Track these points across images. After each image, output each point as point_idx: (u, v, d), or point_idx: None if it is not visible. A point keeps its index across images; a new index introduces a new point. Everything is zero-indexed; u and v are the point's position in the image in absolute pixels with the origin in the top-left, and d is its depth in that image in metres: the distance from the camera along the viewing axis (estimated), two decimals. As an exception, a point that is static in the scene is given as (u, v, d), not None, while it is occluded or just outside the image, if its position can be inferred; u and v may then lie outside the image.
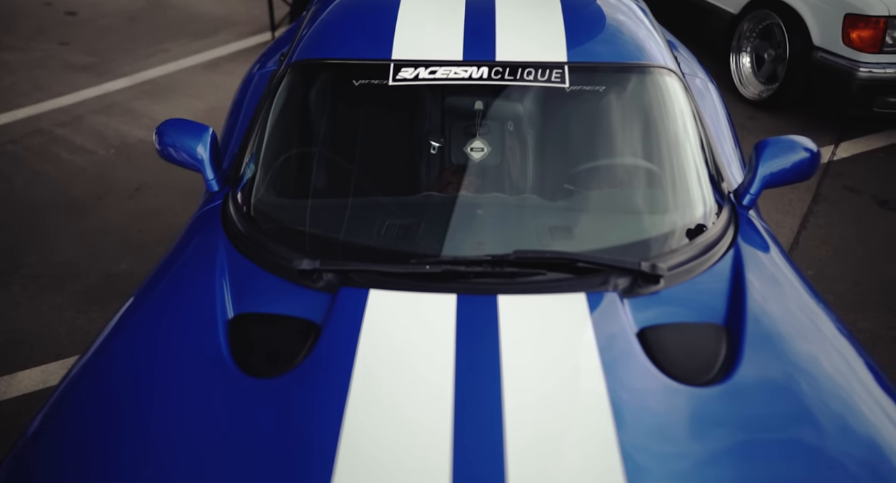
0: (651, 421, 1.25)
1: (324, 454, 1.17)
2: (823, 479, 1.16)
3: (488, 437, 1.19)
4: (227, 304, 1.52)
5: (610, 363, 1.34)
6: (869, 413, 1.29)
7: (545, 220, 1.75)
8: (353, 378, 1.30)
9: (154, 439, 1.23)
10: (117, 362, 1.40)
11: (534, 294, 1.48)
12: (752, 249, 1.69)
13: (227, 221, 1.76)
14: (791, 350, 1.42)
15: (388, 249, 1.65)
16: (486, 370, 1.32)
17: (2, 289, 2.77)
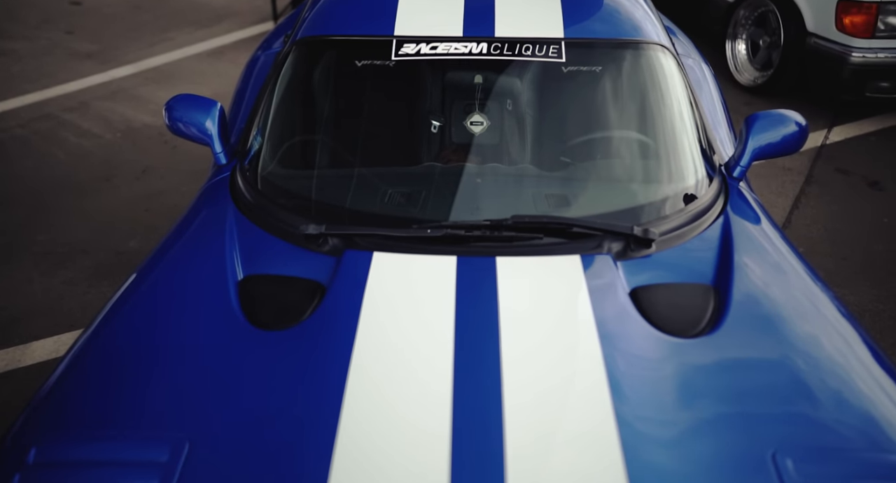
0: (641, 371, 1.32)
1: (331, 398, 1.24)
2: (804, 414, 1.24)
3: (487, 383, 1.26)
4: (236, 266, 1.59)
5: (603, 317, 1.41)
6: (847, 359, 1.36)
7: (542, 188, 1.82)
8: (358, 329, 1.38)
9: (169, 382, 1.31)
10: (135, 314, 1.48)
11: (531, 256, 1.56)
12: (742, 217, 1.76)
13: (235, 191, 1.84)
14: (776, 305, 1.49)
15: (391, 215, 1.72)
16: (484, 323, 1.39)
17: (14, 265, 2.85)
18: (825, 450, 1.18)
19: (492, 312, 1.42)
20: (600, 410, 1.22)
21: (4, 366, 2.35)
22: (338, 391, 1.25)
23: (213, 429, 1.21)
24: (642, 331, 1.41)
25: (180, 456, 1.16)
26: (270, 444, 1.18)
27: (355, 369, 1.29)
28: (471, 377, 1.28)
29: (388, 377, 1.28)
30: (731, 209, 1.79)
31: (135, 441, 1.19)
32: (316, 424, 1.20)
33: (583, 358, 1.32)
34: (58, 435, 1.21)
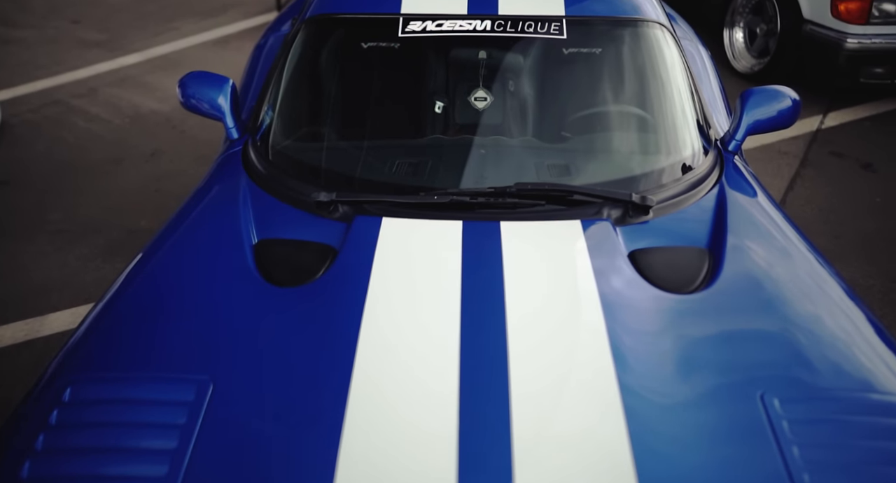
0: (639, 324, 1.39)
1: (345, 345, 1.32)
2: (791, 360, 1.31)
3: (492, 332, 1.34)
4: (251, 231, 1.67)
5: (602, 275, 1.49)
6: (833, 311, 1.44)
7: (544, 159, 1.90)
8: (370, 284, 1.45)
9: (192, 330, 1.38)
10: (158, 272, 1.56)
11: (533, 221, 1.63)
12: (737, 187, 1.84)
13: (247, 164, 1.91)
14: (767, 264, 1.57)
15: (399, 184, 1.80)
16: (489, 280, 1.47)
17: (30, 242, 2.92)
18: (810, 390, 1.26)
19: (496, 270, 1.49)
20: (600, 358, 1.29)
21: (24, 335, 2.43)
22: (351, 339, 1.33)
23: (234, 372, 1.28)
24: (639, 287, 1.48)
25: (205, 395, 1.23)
26: (288, 386, 1.25)
27: (367, 320, 1.37)
28: (477, 327, 1.35)
29: (399, 328, 1.36)
30: (726, 180, 1.87)
31: (162, 382, 1.27)
32: (331, 369, 1.27)
33: (584, 311, 1.40)
34: (90, 376, 1.29)
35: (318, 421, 1.19)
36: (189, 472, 1.11)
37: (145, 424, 1.19)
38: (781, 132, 3.81)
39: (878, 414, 1.21)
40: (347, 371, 1.26)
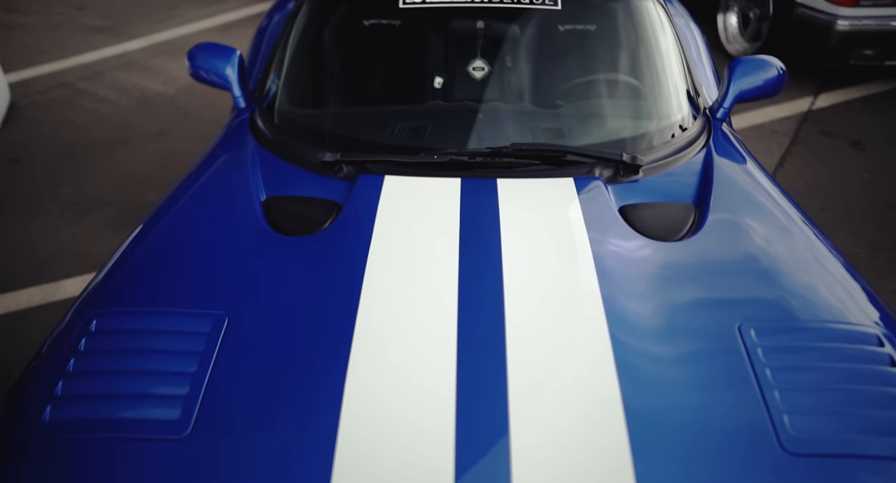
0: (626, 267, 1.48)
1: (351, 288, 1.40)
2: (768, 297, 1.40)
3: (488, 278, 1.42)
4: (260, 189, 1.75)
5: (593, 224, 1.57)
6: (810, 256, 1.53)
7: (539, 123, 1.98)
8: (374, 233, 1.54)
9: (207, 272, 1.47)
10: (173, 222, 1.64)
11: (528, 178, 1.72)
12: (724, 151, 1.92)
13: (254, 129, 2.00)
14: (750, 215, 1.65)
15: (401, 145, 1.89)
16: (486, 231, 1.55)
17: (43, 215, 3.01)
18: (784, 321, 1.35)
19: (493, 220, 1.58)
20: (590, 296, 1.38)
21: (40, 300, 2.52)
22: (356, 281, 1.41)
23: (247, 308, 1.37)
24: (627, 236, 1.57)
25: (221, 327, 1.32)
26: (297, 321, 1.34)
27: (371, 263, 1.45)
28: (475, 272, 1.44)
29: (401, 271, 1.44)
30: (714, 144, 1.95)
31: (182, 316, 1.36)
32: (338, 306, 1.36)
33: (574, 256, 1.49)
34: (114, 310, 1.38)
35: (326, 351, 1.27)
36: (208, 391, 1.20)
37: (167, 351, 1.28)
38: (773, 112, 3.90)
39: (844, 341, 1.30)
40: (353, 309, 1.35)
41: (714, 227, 1.60)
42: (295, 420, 1.16)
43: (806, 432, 1.14)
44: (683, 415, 1.18)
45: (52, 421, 1.17)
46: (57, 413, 1.18)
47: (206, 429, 1.15)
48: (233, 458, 1.12)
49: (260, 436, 1.14)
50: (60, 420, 1.17)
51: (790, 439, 1.13)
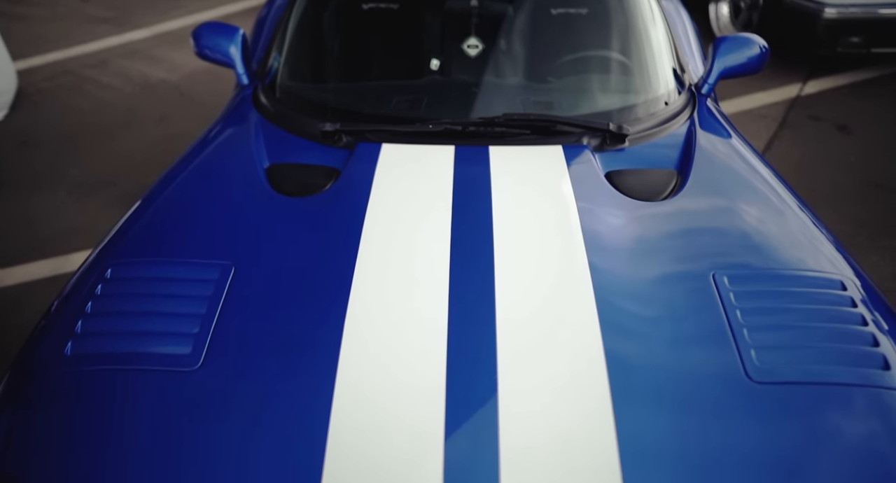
0: (610, 224, 1.57)
1: (349, 242, 1.49)
2: (741, 249, 1.49)
3: (479, 236, 1.51)
4: (263, 157, 1.85)
5: (579, 186, 1.67)
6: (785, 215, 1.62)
7: (530, 96, 2.08)
8: (371, 194, 1.63)
9: (214, 227, 1.57)
10: (180, 187, 1.74)
11: (519, 145, 1.81)
12: (707, 123, 2.02)
13: (257, 103, 2.09)
14: (729, 178, 1.75)
15: (398, 116, 1.98)
16: (477, 194, 1.64)
17: (51, 193, 3.11)
18: (754, 269, 1.44)
19: (484, 183, 1.67)
20: (575, 250, 1.47)
21: (50, 271, 2.62)
22: (354, 237, 1.50)
23: (253, 259, 1.46)
24: (612, 196, 1.66)
25: (228, 275, 1.41)
26: (298, 272, 1.43)
27: (369, 220, 1.54)
28: (467, 229, 1.53)
29: (397, 227, 1.53)
30: (698, 117, 2.04)
31: (192, 265, 1.45)
32: (337, 260, 1.45)
33: (561, 215, 1.58)
34: (128, 260, 1.48)
35: (326, 297, 1.37)
36: (216, 330, 1.30)
37: (178, 295, 1.37)
38: (762, 97, 3.99)
39: (810, 286, 1.39)
40: (351, 261, 1.44)
41: (694, 189, 1.70)
42: (297, 356, 1.25)
43: (771, 364, 1.23)
44: (660, 355, 1.27)
45: (73, 355, 1.26)
46: (77, 348, 1.28)
47: (215, 362, 1.25)
48: (240, 389, 1.21)
49: (264, 369, 1.24)
50: (81, 354, 1.27)
51: (756, 370, 1.22)
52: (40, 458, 1.14)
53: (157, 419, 1.17)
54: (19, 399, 1.24)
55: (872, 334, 1.29)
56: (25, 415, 1.21)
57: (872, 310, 1.37)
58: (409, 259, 1.46)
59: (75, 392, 1.22)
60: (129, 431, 1.16)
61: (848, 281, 1.42)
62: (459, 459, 1.10)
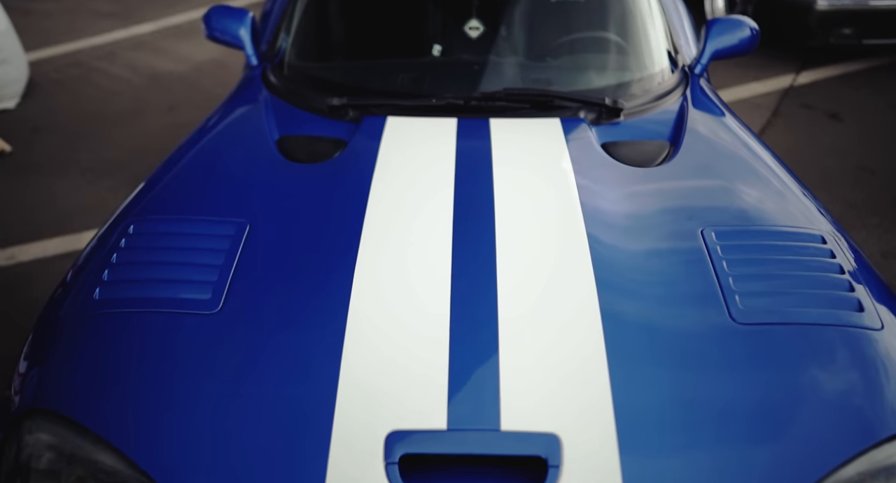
0: (604, 188, 1.65)
1: (357, 204, 1.57)
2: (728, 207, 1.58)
3: (481, 201, 1.59)
4: (273, 130, 1.93)
5: (576, 153, 1.75)
6: (770, 178, 1.70)
7: (529, 73, 2.16)
8: (377, 162, 1.72)
9: (229, 189, 1.65)
10: (195, 156, 1.82)
11: (519, 118, 1.90)
12: (699, 100, 2.10)
13: (267, 82, 2.18)
14: (718, 147, 1.84)
15: (403, 91, 2.07)
16: (479, 160, 1.73)
17: (64, 176, 3.20)
18: (740, 225, 1.53)
19: (485, 150, 1.76)
20: (572, 211, 1.56)
21: (65, 248, 2.70)
22: (362, 198, 1.59)
23: (266, 217, 1.55)
24: (606, 163, 1.75)
25: (244, 231, 1.50)
26: (310, 229, 1.51)
27: (376, 185, 1.63)
28: (468, 193, 1.61)
29: (402, 193, 1.61)
30: (691, 94, 2.13)
31: (209, 222, 1.53)
32: (346, 219, 1.53)
33: (558, 179, 1.66)
34: (148, 217, 1.56)
35: (337, 249, 1.45)
36: (234, 279, 1.38)
37: (197, 248, 1.46)
38: (756, 87, 4.09)
39: (792, 240, 1.48)
40: (360, 218, 1.53)
41: (685, 156, 1.78)
42: (311, 299, 1.34)
43: (753, 307, 1.32)
44: (651, 300, 1.35)
45: (101, 299, 1.35)
46: (105, 293, 1.36)
47: (233, 306, 1.33)
48: (257, 330, 1.29)
49: (280, 311, 1.32)
50: (109, 298, 1.35)
51: (739, 313, 1.31)
52: (72, 392, 1.22)
53: (181, 356, 1.25)
54: (52, 339, 1.32)
55: (848, 281, 1.38)
56: (58, 353, 1.29)
57: (850, 261, 1.45)
58: (415, 216, 1.54)
59: (104, 332, 1.30)
60: (155, 367, 1.24)
61: (828, 236, 1.51)
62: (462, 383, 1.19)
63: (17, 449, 1.20)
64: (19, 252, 2.72)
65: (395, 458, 1.12)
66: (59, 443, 1.18)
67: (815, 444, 1.14)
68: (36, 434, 1.19)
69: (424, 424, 1.15)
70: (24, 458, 1.19)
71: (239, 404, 1.19)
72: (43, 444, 1.18)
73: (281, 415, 1.17)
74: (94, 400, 1.20)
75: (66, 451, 1.17)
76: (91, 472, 1.15)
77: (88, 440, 1.16)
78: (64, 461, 1.17)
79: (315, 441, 1.14)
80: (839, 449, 1.14)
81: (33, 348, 1.33)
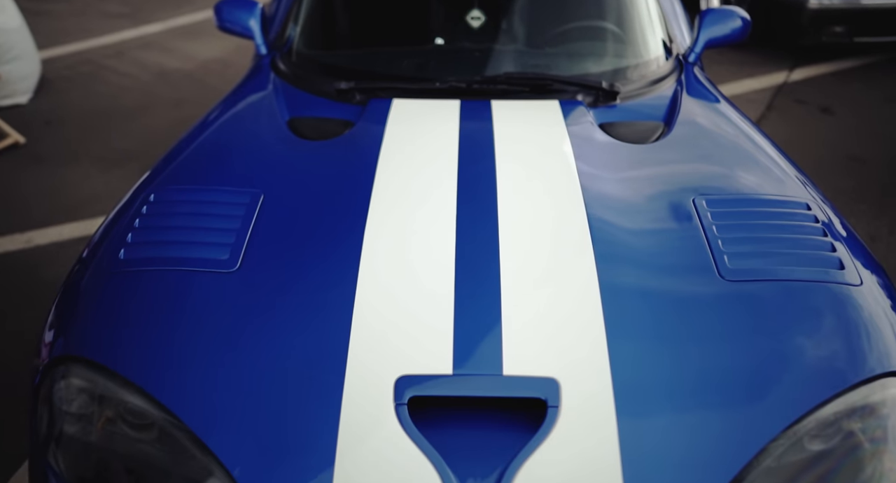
0: (600, 162, 1.74)
1: (365, 177, 1.66)
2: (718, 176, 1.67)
3: (483, 174, 1.68)
4: (284, 112, 2.02)
5: (574, 130, 1.84)
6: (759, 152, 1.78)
7: (529, 59, 2.26)
8: (384, 138, 1.80)
9: (243, 163, 1.74)
10: (209, 134, 1.91)
11: (519, 100, 1.99)
12: (693, 86, 2.19)
13: (276, 69, 2.27)
14: (710, 126, 1.92)
15: (408, 76, 2.16)
16: (482, 140, 1.81)
17: (76, 166, 3.29)
18: (729, 194, 1.61)
19: (487, 128, 1.85)
20: (570, 184, 1.64)
21: (80, 232, 2.79)
22: (370, 169, 1.68)
23: (279, 188, 1.63)
24: (603, 139, 1.84)
25: (258, 200, 1.58)
26: (319, 196, 1.60)
27: (383, 159, 1.72)
28: (472, 167, 1.70)
29: (408, 167, 1.70)
30: (685, 80, 2.22)
31: (226, 192, 1.62)
32: (355, 189, 1.62)
33: (557, 152, 1.75)
34: (168, 187, 1.65)
35: (347, 215, 1.53)
36: (250, 242, 1.47)
37: (215, 214, 1.54)
38: (751, 84, 4.19)
39: (779, 207, 1.56)
40: (368, 187, 1.61)
41: (678, 134, 1.87)
42: (323, 258, 1.42)
43: (741, 266, 1.40)
44: (645, 261, 1.43)
45: (126, 258, 1.43)
46: (129, 253, 1.45)
47: (250, 266, 1.41)
48: (273, 286, 1.38)
49: (294, 271, 1.41)
50: (133, 258, 1.44)
51: (728, 271, 1.39)
52: (101, 340, 1.30)
53: (203, 308, 1.33)
54: (81, 294, 1.40)
55: (831, 243, 1.46)
56: (87, 306, 1.37)
57: (833, 225, 1.54)
58: (421, 185, 1.62)
59: (130, 287, 1.38)
60: (178, 317, 1.32)
61: (812, 203, 1.59)
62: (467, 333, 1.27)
63: (49, 393, 1.28)
64: (36, 236, 2.81)
65: (404, 400, 1.20)
66: (89, 386, 1.26)
67: (796, 386, 1.22)
68: (68, 379, 1.27)
69: (432, 370, 1.23)
70: (57, 402, 1.27)
71: (258, 352, 1.27)
72: (74, 387, 1.26)
73: (298, 361, 1.25)
74: (122, 347, 1.29)
75: (96, 393, 1.25)
76: (120, 412, 1.23)
77: (117, 383, 1.24)
78: (94, 403, 1.25)
79: (330, 385, 1.22)
80: (818, 391, 1.22)
81: (62, 303, 1.42)
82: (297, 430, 1.18)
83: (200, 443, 1.18)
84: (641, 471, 1.14)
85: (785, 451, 1.18)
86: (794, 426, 1.18)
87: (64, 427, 1.26)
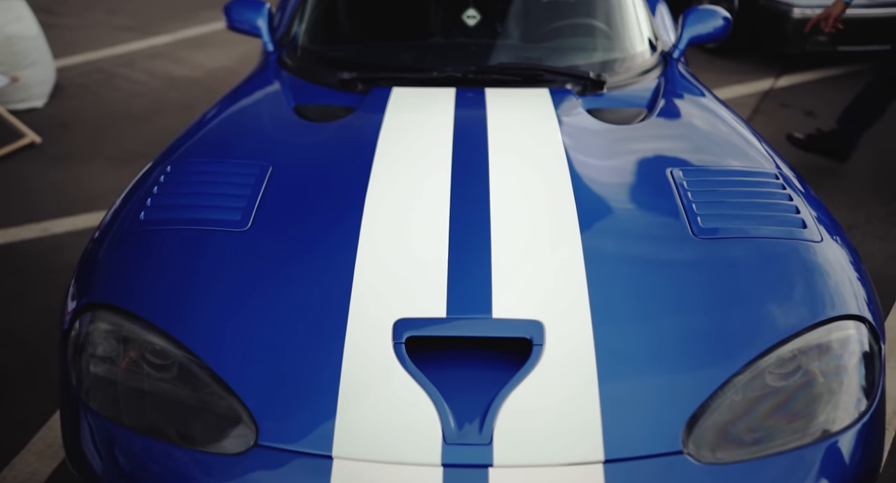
0: (586, 141, 1.88)
1: (365, 153, 1.80)
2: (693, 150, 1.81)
3: (477, 154, 1.81)
4: (290, 99, 2.17)
5: (563, 112, 1.98)
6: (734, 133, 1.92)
7: (522, 52, 2.41)
8: (384, 121, 1.95)
9: (252, 139, 1.88)
10: (220, 118, 2.05)
11: (512, 88, 2.14)
12: (676, 79, 2.34)
13: (283, 63, 2.42)
14: (690, 110, 2.07)
15: (406, 66, 2.31)
16: (475, 121, 1.96)
17: (89, 164, 3.43)
18: (703, 165, 1.75)
19: (481, 113, 1.99)
20: (557, 160, 1.78)
21: (94, 223, 2.92)
22: (370, 146, 1.81)
23: (285, 161, 1.77)
24: (589, 120, 1.98)
25: (267, 171, 1.72)
26: (324, 169, 1.73)
27: (382, 138, 1.85)
28: (465, 147, 1.83)
29: (405, 145, 1.84)
30: (669, 73, 2.37)
31: (235, 164, 1.75)
32: (357, 161, 1.75)
33: (546, 132, 1.89)
34: (183, 159, 1.79)
35: (350, 183, 1.67)
36: (260, 206, 1.60)
37: (228, 182, 1.68)
38: (739, 90, 4.34)
39: (749, 176, 1.70)
40: (368, 160, 1.75)
41: (660, 117, 2.02)
42: (328, 221, 1.55)
43: (712, 225, 1.53)
44: (624, 223, 1.57)
45: (146, 219, 1.57)
46: (149, 214, 1.58)
47: (260, 226, 1.55)
48: (282, 243, 1.51)
49: (301, 230, 1.54)
50: (153, 218, 1.57)
51: (700, 229, 1.52)
52: (124, 289, 1.43)
53: (218, 260, 1.46)
54: (105, 249, 1.53)
55: (795, 206, 1.59)
56: (111, 260, 1.50)
57: (798, 192, 1.67)
58: (418, 158, 1.76)
59: (150, 243, 1.51)
60: (195, 269, 1.45)
61: (781, 173, 1.72)
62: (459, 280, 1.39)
63: (77, 337, 1.40)
64: (52, 226, 2.94)
65: (401, 339, 1.32)
66: (114, 329, 1.38)
67: (759, 327, 1.35)
68: (95, 323, 1.39)
69: (427, 313, 1.36)
70: (83, 344, 1.38)
71: (269, 299, 1.39)
72: (100, 331, 1.38)
73: (305, 306, 1.38)
74: (144, 295, 1.41)
75: (121, 335, 1.37)
76: (143, 353, 1.35)
77: (140, 325, 1.36)
78: (120, 345, 1.36)
79: (334, 326, 1.35)
80: (779, 330, 1.34)
81: (87, 258, 1.54)
82: (304, 364, 1.30)
83: (217, 377, 1.29)
84: (617, 400, 1.26)
85: (747, 384, 1.29)
86: (756, 361, 1.30)
87: (91, 367, 1.37)
